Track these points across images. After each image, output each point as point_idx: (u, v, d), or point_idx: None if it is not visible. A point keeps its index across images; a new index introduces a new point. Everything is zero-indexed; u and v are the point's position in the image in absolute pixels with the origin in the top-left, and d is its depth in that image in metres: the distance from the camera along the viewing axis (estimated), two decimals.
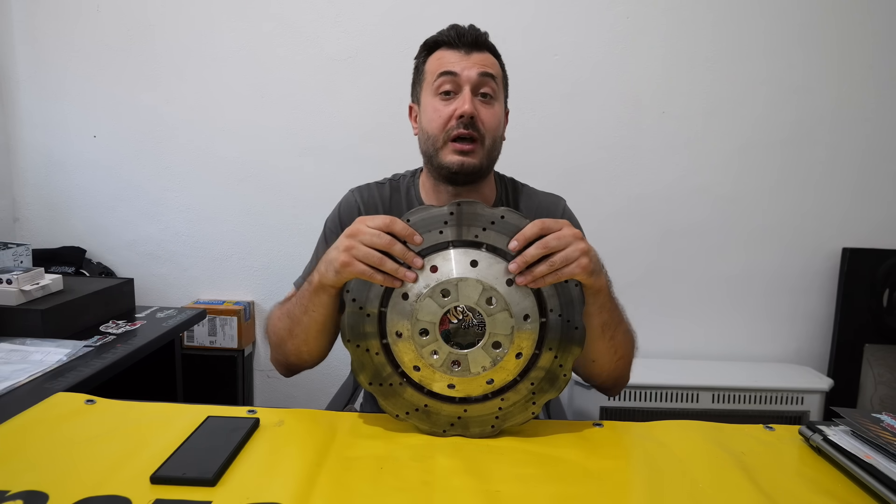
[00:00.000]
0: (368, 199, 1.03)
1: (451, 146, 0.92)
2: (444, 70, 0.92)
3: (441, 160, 0.94)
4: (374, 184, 1.07)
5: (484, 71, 0.93)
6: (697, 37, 1.85)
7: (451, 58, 0.94)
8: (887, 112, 1.88)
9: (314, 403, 1.42)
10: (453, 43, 0.94)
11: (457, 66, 0.92)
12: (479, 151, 0.93)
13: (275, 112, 1.91)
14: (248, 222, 1.97)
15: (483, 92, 0.94)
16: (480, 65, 0.93)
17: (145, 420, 0.80)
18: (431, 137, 0.94)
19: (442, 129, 0.93)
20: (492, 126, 0.94)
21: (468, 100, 0.91)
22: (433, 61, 0.96)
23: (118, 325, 1.36)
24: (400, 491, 0.64)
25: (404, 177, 1.08)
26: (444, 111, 0.92)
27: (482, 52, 0.95)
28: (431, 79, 0.95)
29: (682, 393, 1.74)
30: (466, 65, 0.92)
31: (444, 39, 0.96)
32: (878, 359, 1.90)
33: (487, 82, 0.93)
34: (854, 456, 0.70)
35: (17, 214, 2.01)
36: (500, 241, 0.78)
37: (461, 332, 0.77)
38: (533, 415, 0.80)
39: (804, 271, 1.95)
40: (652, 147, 1.89)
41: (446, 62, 0.93)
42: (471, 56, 0.93)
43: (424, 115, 0.96)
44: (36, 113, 1.95)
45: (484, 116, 0.92)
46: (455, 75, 0.92)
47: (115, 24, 1.89)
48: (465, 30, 0.95)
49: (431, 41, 0.98)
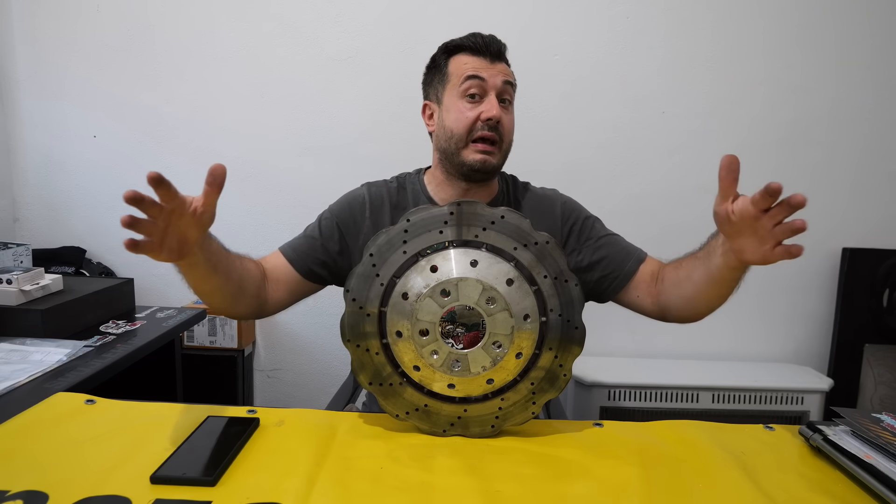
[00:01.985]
0: (376, 194, 1.07)
1: (473, 146, 0.98)
2: (473, 74, 0.98)
3: (463, 158, 0.98)
4: (384, 181, 1.10)
5: (507, 80, 0.99)
6: (697, 37, 1.85)
7: (476, 64, 0.99)
8: (885, 112, 1.88)
9: (314, 403, 1.42)
10: (480, 50, 0.99)
11: (484, 72, 0.98)
12: (498, 153, 0.99)
13: (275, 112, 1.91)
14: (248, 222, 1.97)
15: (504, 98, 0.99)
16: (504, 73, 0.99)
17: (145, 420, 0.80)
18: (455, 136, 0.99)
19: (468, 129, 0.97)
20: (509, 130, 1.01)
21: (496, 105, 0.97)
22: (458, 64, 1.00)
23: (118, 325, 1.36)
24: (400, 491, 0.65)
25: (409, 175, 1.11)
26: (471, 113, 0.97)
27: (502, 61, 1.01)
28: (457, 81, 0.99)
29: (682, 393, 1.74)
30: (493, 72, 0.98)
31: (469, 45, 1.00)
32: (878, 359, 1.91)
33: (508, 90, 1.00)
34: (854, 456, 0.70)
35: (17, 214, 2.01)
36: (499, 240, 0.78)
37: (466, 313, 0.77)
38: (533, 415, 0.80)
39: (804, 271, 1.95)
40: (651, 147, 1.89)
41: (474, 67, 0.98)
42: (495, 65, 0.99)
43: (449, 114, 1.00)
44: (36, 113, 1.95)
45: (505, 121, 0.99)
46: (483, 80, 0.97)
47: (116, 24, 1.89)
48: (491, 39, 1.00)
49: (454, 44, 1.02)
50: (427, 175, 1.08)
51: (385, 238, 0.80)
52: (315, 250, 1.02)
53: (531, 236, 0.78)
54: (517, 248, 0.78)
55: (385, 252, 0.79)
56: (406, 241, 0.79)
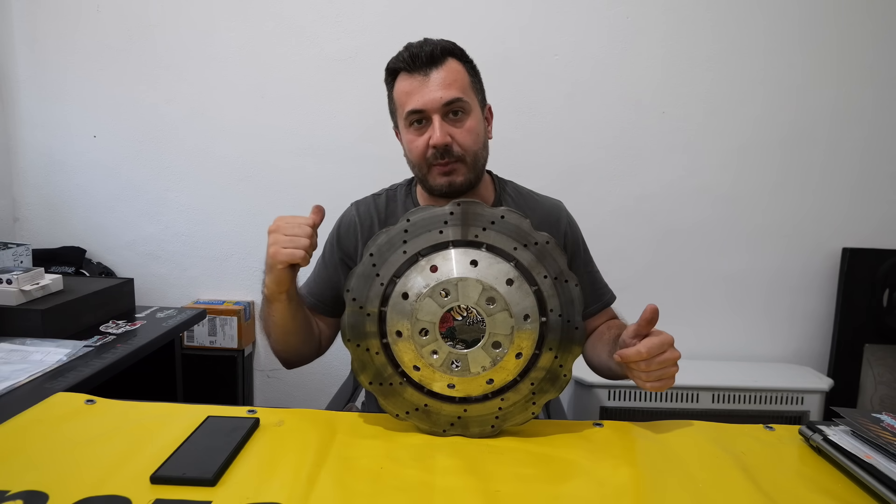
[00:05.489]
0: (364, 213, 1.07)
1: (435, 170, 0.96)
2: (411, 109, 0.93)
3: (430, 183, 0.98)
4: (371, 196, 1.10)
5: (448, 99, 0.92)
6: (697, 37, 1.85)
7: (411, 86, 0.93)
8: (887, 112, 1.87)
9: (314, 403, 1.42)
10: (412, 66, 0.93)
11: (420, 99, 0.92)
12: (463, 169, 0.96)
13: (275, 112, 1.91)
14: (248, 222, 1.97)
15: (454, 111, 0.94)
16: (444, 87, 0.92)
17: (145, 420, 0.80)
18: (416, 165, 0.98)
19: (422, 157, 0.96)
20: (468, 143, 0.95)
21: (438, 129, 0.92)
22: (399, 93, 0.96)
23: (118, 325, 1.36)
24: (400, 491, 0.64)
25: (400, 185, 1.11)
26: (420, 142, 0.95)
27: (440, 65, 0.93)
28: (403, 112, 0.96)
29: (682, 393, 1.74)
30: (429, 90, 0.92)
31: (401, 66, 0.95)
32: (878, 359, 1.90)
33: (453, 105, 0.93)
34: (854, 456, 0.70)
35: (17, 214, 2.01)
36: (500, 240, 0.78)
37: (466, 328, 0.77)
38: (533, 415, 0.80)
39: (804, 271, 1.95)
40: (652, 147, 1.89)
41: (410, 95, 0.93)
42: (430, 77, 0.92)
43: (405, 143, 0.99)
44: (36, 113, 1.95)
45: (459, 138, 0.94)
46: (421, 111, 0.93)
47: (116, 24, 1.89)
48: (419, 49, 0.93)
49: (390, 68, 0.98)
50: (419, 185, 1.07)
51: (385, 238, 0.80)
52: (331, 288, 1.06)
53: (531, 236, 0.78)
54: (517, 248, 0.78)
55: (385, 252, 0.79)
56: (406, 240, 0.79)
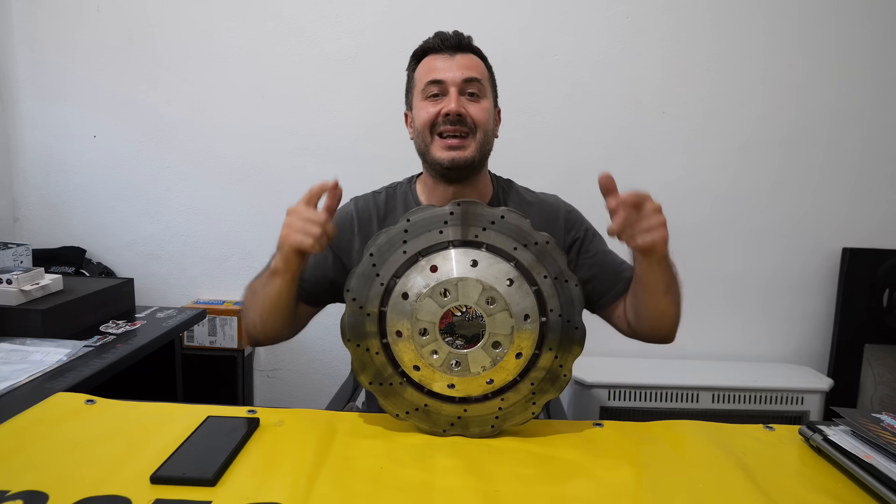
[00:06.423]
0: (363, 208, 1.07)
1: (439, 142, 0.98)
2: (431, 79, 0.99)
3: (433, 156, 0.99)
4: (371, 193, 1.10)
5: (468, 77, 0.98)
6: (697, 37, 1.85)
7: (437, 63, 1.00)
8: (886, 112, 1.87)
9: (314, 403, 1.42)
10: (438, 48, 1.01)
11: (442, 72, 0.98)
12: (472, 145, 0.98)
13: (275, 112, 1.91)
14: (248, 222, 1.97)
15: (469, 91, 0.99)
16: (465, 67, 0.99)
17: (145, 420, 0.80)
18: (421, 134, 1.00)
19: (429, 124, 0.98)
20: (481, 119, 0.99)
21: (454, 99, 0.97)
22: (422, 70, 1.02)
23: (118, 325, 1.36)
24: (400, 491, 0.64)
25: (401, 184, 1.11)
26: (432, 109, 0.98)
27: (466, 53, 1.01)
28: (421, 86, 1.01)
29: (682, 393, 1.74)
30: (451, 67, 0.98)
31: (429, 46, 1.02)
32: (878, 359, 1.90)
33: (472, 84, 0.99)
34: (854, 456, 0.70)
35: (17, 214, 2.01)
36: (500, 240, 0.78)
37: (465, 324, 0.77)
38: (533, 415, 0.80)
39: (804, 271, 1.95)
40: (652, 147, 1.89)
41: (433, 69, 0.99)
42: (455, 58, 0.99)
43: (417, 116, 1.01)
44: (36, 113, 1.95)
45: (473, 111, 0.98)
46: (441, 82, 0.98)
47: (116, 24, 1.89)
48: (449, 34, 1.01)
49: (419, 50, 1.04)
50: (419, 182, 1.09)
51: (385, 238, 0.80)
52: (317, 279, 1.05)
53: (531, 236, 0.78)
54: (517, 248, 0.78)
55: (385, 252, 0.79)
56: (406, 240, 0.79)
